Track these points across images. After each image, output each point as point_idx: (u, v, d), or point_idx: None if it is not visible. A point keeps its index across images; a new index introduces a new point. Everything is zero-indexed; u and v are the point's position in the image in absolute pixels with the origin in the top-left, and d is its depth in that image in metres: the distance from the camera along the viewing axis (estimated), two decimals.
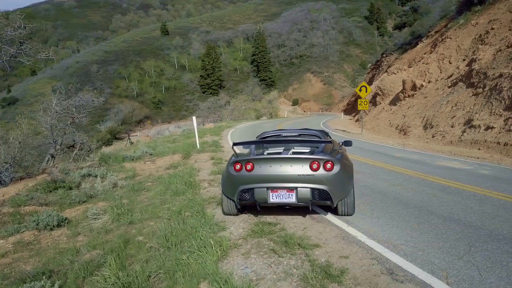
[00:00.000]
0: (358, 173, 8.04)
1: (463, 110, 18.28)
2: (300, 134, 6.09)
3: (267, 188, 4.49)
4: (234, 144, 5.08)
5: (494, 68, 18.50)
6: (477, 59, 20.70)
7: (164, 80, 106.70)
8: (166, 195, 6.17)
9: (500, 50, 19.45)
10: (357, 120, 39.69)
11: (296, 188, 4.41)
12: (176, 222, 4.58)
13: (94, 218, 5.58)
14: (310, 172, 4.40)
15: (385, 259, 3.46)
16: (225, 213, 5.07)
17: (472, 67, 20.41)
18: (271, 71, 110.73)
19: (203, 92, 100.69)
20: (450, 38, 28.72)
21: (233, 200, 4.78)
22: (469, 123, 16.73)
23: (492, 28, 23.52)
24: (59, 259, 4.17)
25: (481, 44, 23.42)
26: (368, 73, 73.73)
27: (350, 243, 3.87)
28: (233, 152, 5.15)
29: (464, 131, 16.57)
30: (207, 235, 3.96)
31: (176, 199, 5.90)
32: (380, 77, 49.65)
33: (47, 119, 16.71)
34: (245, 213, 5.08)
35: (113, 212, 5.46)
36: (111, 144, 63.31)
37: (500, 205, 5.44)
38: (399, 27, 65.98)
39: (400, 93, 28.96)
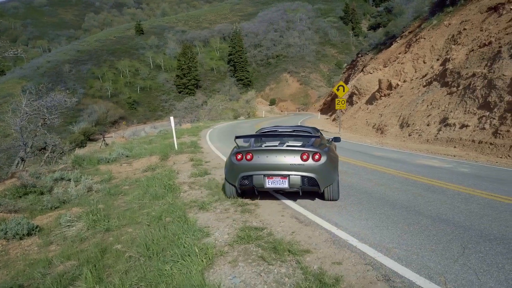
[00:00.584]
0: (341, 173, 7.88)
1: (438, 108, 18.63)
2: (294, 130, 6.72)
3: (264, 175, 5.22)
4: (237, 137, 5.87)
5: (467, 67, 18.95)
6: (450, 59, 21.17)
7: (139, 80, 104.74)
8: (145, 199, 5.83)
9: (472, 50, 19.94)
10: (334, 120, 40.05)
11: (289, 175, 5.14)
12: (156, 229, 4.28)
13: (68, 226, 5.20)
14: (301, 162, 5.14)
15: (379, 264, 3.29)
16: (227, 197, 5.83)
17: (446, 67, 20.86)
18: (248, 71, 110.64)
19: (179, 92, 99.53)
20: (424, 38, 29.32)
21: (234, 186, 5.55)
22: (444, 122, 17.05)
23: (464, 29, 24.14)
24: (30, 272, 3.81)
25: (454, 44, 23.99)
26: (344, 73, 74.64)
27: (341, 248, 3.69)
28: (235, 145, 5.94)
29: (439, 130, 16.88)
30: (190, 242, 3.69)
31: (156, 203, 5.58)
32: (356, 76, 50.30)
33: (16, 121, 15.95)
34: (244, 198, 5.76)
35: (88, 218, 5.10)
36: (85, 146, 61.64)
37: (485, 203, 5.43)
38: (373, 27, 67.13)
39: (376, 93, 29.36)
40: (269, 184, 5.22)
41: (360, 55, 60.36)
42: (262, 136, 5.88)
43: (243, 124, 31.53)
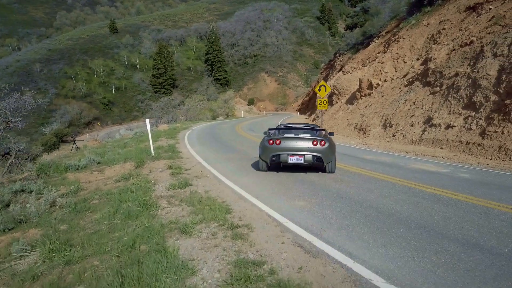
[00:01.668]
0: (337, 182, 7.35)
1: (422, 108, 18.36)
2: (304, 126, 9.55)
3: (288, 154, 7.87)
4: (269, 129, 9.16)
5: (449, 67, 18.77)
6: (432, 58, 21.00)
7: (114, 80, 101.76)
8: (116, 219, 4.94)
9: (454, 50, 19.81)
10: (313, 120, 39.72)
11: (304, 154, 7.84)
12: (129, 262, 3.46)
13: (20, 256, 4.28)
14: (312, 146, 7.83)
15: None
16: (259, 170, 8.48)
17: (428, 66, 20.67)
18: (225, 71, 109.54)
19: (156, 92, 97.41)
20: (403, 38, 29.26)
21: (266, 162, 8.27)
22: (429, 122, 16.75)
23: (444, 28, 24.11)
24: None
25: (434, 44, 23.91)
26: (321, 72, 74.68)
27: None
28: (266, 133, 8.80)
29: (424, 130, 16.56)
30: (172, 286, 2.88)
31: (129, 224, 4.71)
32: (334, 76, 50.21)
33: None
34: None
35: (45, 247, 4.19)
36: (58, 148, 59.44)
37: (510, 220, 4.83)
38: (350, 27, 67.44)
39: (357, 92, 29.09)
40: (291, 160, 7.92)
41: (337, 55, 60.42)
42: (284, 129, 9.25)
43: (222, 125, 30.64)
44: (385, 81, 26.91)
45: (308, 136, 8.33)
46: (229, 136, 19.16)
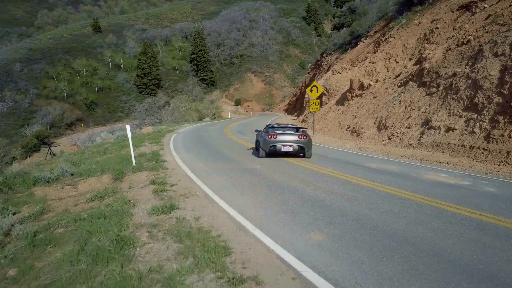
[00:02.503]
0: (352, 202, 6.20)
1: (419, 110, 17.63)
2: (288, 126, 12.95)
3: (281, 144, 11.25)
4: (267, 126, 12.61)
5: (446, 67, 18.11)
6: (427, 58, 20.34)
7: (97, 80, 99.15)
8: (81, 262, 3.82)
9: (450, 49, 19.17)
10: (302, 121, 38.90)
11: (292, 145, 11.30)
12: None
13: None
14: (298, 139, 11.36)
15: None
16: (260, 157, 11.87)
17: (423, 66, 19.99)
18: (211, 71, 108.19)
19: (140, 92, 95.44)
20: (394, 38, 28.67)
21: (265, 151, 11.60)
22: (427, 124, 16.01)
23: (437, 28, 23.55)
24: None
25: (427, 43, 23.32)
26: (308, 73, 74.19)
27: None
28: (263, 129, 12.77)
29: (423, 133, 15.81)
30: None
31: (96, 271, 3.62)
32: (322, 76, 49.60)
33: None
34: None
35: None
36: (38, 150, 57.20)
37: None
38: (337, 27, 67.03)
39: (348, 93, 28.34)
40: (283, 149, 11.31)
41: (324, 55, 59.92)
42: (274, 128, 12.33)
43: (210, 127, 29.47)
44: (376, 81, 26.23)
45: (293, 131, 11.96)
46: (217, 140, 18.07)
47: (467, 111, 14.55)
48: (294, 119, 48.62)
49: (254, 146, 14.25)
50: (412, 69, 22.36)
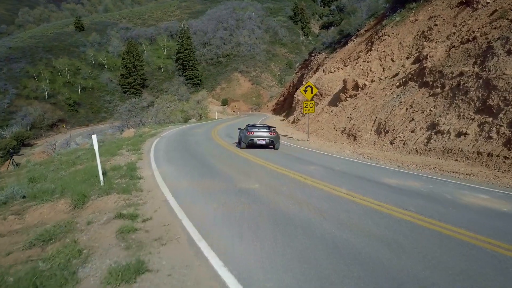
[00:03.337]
0: (389, 248, 4.46)
1: (423, 112, 16.30)
2: (262, 125, 16.70)
3: (257, 139, 15.32)
4: (248, 125, 16.49)
5: (451, 66, 16.84)
6: (428, 57, 19.08)
7: (80, 80, 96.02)
8: None
9: (453, 47, 17.91)
10: (293, 122, 37.47)
11: (265, 139, 15.46)
12: None
13: None
14: (269, 135, 15.61)
15: None
16: (241, 148, 15.77)
17: (424, 65, 18.71)
18: (197, 70, 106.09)
19: (125, 92, 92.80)
20: (389, 36, 27.46)
21: (245, 143, 15.48)
22: (434, 128, 14.67)
23: (435, 25, 22.38)
24: None
25: (426, 41, 22.11)
26: (296, 72, 72.96)
27: None
28: (244, 128, 16.80)
29: (429, 138, 14.46)
30: None
31: None
32: (310, 76, 48.31)
33: None
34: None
35: None
36: (18, 152, 54.51)
37: None
38: (326, 26, 65.88)
39: (341, 93, 27.00)
40: (258, 142, 15.25)
41: (313, 55, 58.71)
42: (252, 127, 16.00)
43: (196, 130, 27.67)
44: (372, 81, 24.92)
45: (266, 129, 15.77)
46: (204, 147, 16.31)
47: (480, 114, 13.23)
48: (283, 120, 47.16)
49: (246, 153, 14.29)
50: (410, 68, 21.11)
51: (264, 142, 15.35)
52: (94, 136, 7.35)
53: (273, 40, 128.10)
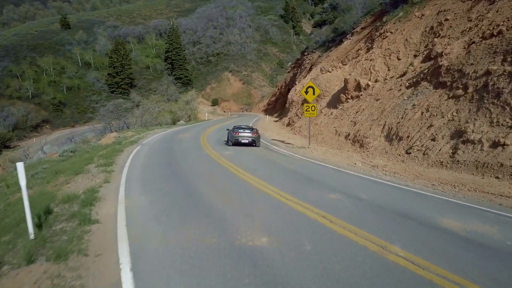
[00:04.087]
0: None
1: (443, 117, 14.18)
2: (246, 127, 19.42)
3: (241, 138, 17.97)
4: (235, 127, 19.33)
5: (472, 64, 14.77)
6: (443, 54, 17.00)
7: (66, 79, 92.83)
8: None
9: (474, 42, 15.86)
10: (288, 125, 35.25)
11: (248, 138, 18.03)
12: None
13: None
14: (251, 135, 18.17)
15: None
16: (228, 145, 18.71)
17: (440, 63, 16.64)
18: (187, 69, 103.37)
19: (112, 92, 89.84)
20: (391, 32, 25.46)
21: (232, 142, 18.26)
22: (460, 137, 12.55)
23: (446, 19, 20.42)
24: None
25: (436, 37, 20.11)
26: (288, 72, 70.89)
27: None
28: (231, 128, 19.61)
29: (456, 148, 12.32)
30: None
31: None
32: (304, 76, 46.28)
33: None
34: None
35: None
36: (0, 153, 51.47)
37: None
38: (319, 24, 63.79)
39: (342, 94, 24.85)
40: (243, 141, 17.91)
41: (306, 54, 56.71)
42: (237, 128, 18.83)
43: (183, 135, 25.16)
44: (376, 81, 22.83)
45: (249, 131, 18.46)
46: (191, 160, 13.53)
47: None
48: (276, 121, 44.86)
49: (242, 170, 11.25)
50: (421, 67, 19.06)
51: (247, 141, 18.02)
52: (18, 166, 4.92)
53: (264, 39, 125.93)
